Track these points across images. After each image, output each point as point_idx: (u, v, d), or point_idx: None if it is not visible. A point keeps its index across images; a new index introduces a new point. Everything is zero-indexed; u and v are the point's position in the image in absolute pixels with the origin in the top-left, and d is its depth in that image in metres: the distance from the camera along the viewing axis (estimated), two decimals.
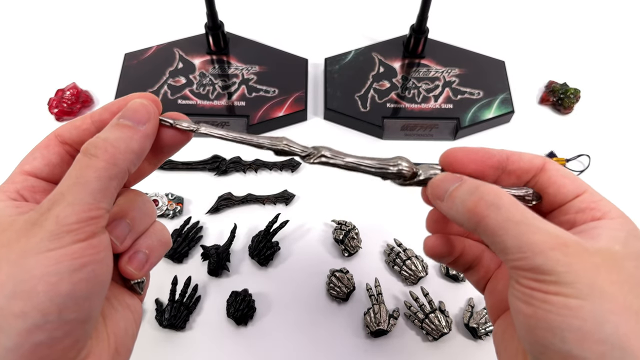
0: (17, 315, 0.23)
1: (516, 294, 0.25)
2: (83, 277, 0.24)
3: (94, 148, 0.25)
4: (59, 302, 0.23)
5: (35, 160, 0.29)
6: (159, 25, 0.75)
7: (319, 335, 0.52)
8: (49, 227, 0.24)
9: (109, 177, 0.25)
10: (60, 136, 0.29)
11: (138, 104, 0.27)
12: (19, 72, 0.71)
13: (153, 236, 0.30)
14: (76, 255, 0.24)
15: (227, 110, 0.65)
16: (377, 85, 0.67)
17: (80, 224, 0.24)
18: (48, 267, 0.23)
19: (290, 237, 0.58)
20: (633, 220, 0.28)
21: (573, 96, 0.67)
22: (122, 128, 0.26)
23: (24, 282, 0.23)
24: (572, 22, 0.78)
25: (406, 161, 0.31)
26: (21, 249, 0.24)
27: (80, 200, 0.24)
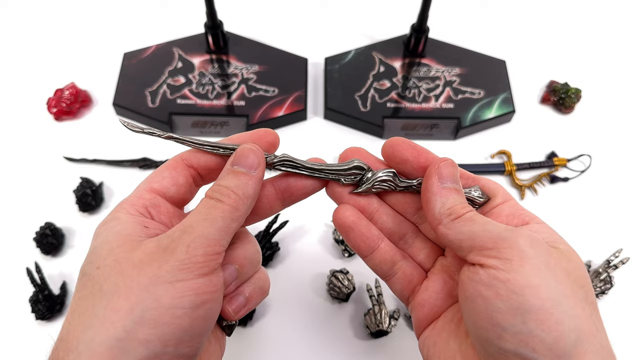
0: (141, 342, 0.24)
1: (477, 279, 0.26)
2: (202, 314, 0.26)
3: (219, 194, 0.28)
4: (178, 335, 0.25)
5: (164, 179, 0.30)
6: (158, 25, 0.75)
7: (319, 335, 0.52)
8: (179, 255, 0.25)
9: (232, 218, 0.27)
10: (186, 160, 0.31)
11: (248, 150, 0.29)
12: (17, 71, 0.71)
13: (256, 283, 0.32)
14: (200, 290, 0.25)
15: (227, 109, 0.64)
16: (377, 84, 0.67)
17: (206, 257, 0.26)
18: (175, 300, 0.25)
19: (290, 237, 0.58)
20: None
21: (574, 96, 0.67)
22: (238, 175, 0.29)
23: (152, 310, 0.24)
24: (573, 22, 0.78)
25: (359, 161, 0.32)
26: (153, 274, 0.25)
27: (208, 235, 0.26)
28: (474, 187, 0.32)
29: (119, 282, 0.25)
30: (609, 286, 0.54)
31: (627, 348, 0.53)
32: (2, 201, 0.60)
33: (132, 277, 0.25)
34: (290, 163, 0.31)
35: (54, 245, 0.55)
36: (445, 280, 0.32)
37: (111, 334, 0.24)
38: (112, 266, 0.26)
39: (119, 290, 0.25)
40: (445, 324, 0.31)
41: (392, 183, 0.32)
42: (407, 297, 0.34)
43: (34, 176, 0.62)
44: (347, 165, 0.32)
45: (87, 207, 0.58)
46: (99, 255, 0.27)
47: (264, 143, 0.31)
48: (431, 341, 0.31)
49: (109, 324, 0.24)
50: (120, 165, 0.62)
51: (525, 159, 0.64)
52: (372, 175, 0.32)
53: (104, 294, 0.25)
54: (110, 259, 0.26)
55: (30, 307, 0.52)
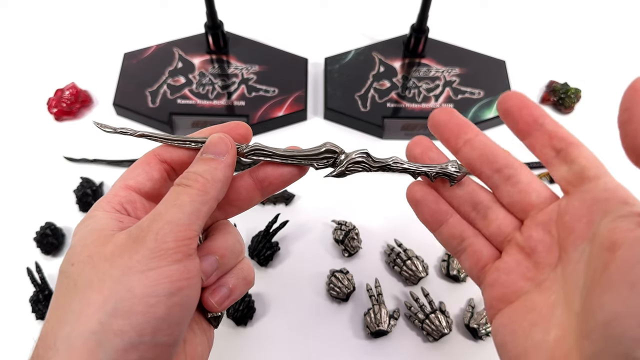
0: (116, 333, 0.24)
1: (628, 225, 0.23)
2: (178, 302, 0.25)
3: (187, 180, 0.28)
4: (154, 324, 0.24)
5: (138, 175, 0.30)
6: (159, 25, 0.75)
7: (318, 335, 0.52)
8: (149, 244, 0.25)
9: (201, 202, 0.27)
10: (159, 155, 0.31)
11: (217, 138, 0.30)
12: (18, 71, 0.71)
13: (239, 274, 0.31)
14: (174, 277, 0.25)
15: (227, 110, 0.64)
16: (377, 84, 0.67)
17: (177, 242, 0.25)
18: (148, 288, 0.24)
19: (290, 237, 0.58)
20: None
21: (574, 96, 0.67)
22: (206, 161, 0.29)
23: (125, 301, 0.24)
24: (573, 22, 0.78)
25: (331, 144, 0.32)
26: (124, 264, 0.25)
27: (177, 220, 0.26)
28: (451, 161, 0.32)
29: (92, 276, 0.25)
30: None
31: None
32: (3, 201, 0.60)
33: (104, 270, 0.25)
34: (262, 151, 0.31)
35: (54, 245, 0.55)
36: (518, 260, 0.30)
37: (86, 328, 0.24)
38: (85, 261, 0.26)
39: (92, 284, 0.25)
40: (525, 312, 0.28)
41: (365, 164, 0.32)
42: (477, 275, 0.32)
43: (35, 176, 0.62)
44: (319, 150, 0.31)
45: (88, 207, 0.58)
46: (74, 252, 0.27)
47: (235, 134, 0.31)
48: (508, 329, 0.29)
49: (84, 318, 0.24)
50: (120, 165, 0.63)
51: (525, 159, 0.64)
52: (345, 157, 0.32)
53: (79, 289, 0.25)
54: (84, 254, 0.26)
55: (31, 307, 0.52)
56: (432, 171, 0.33)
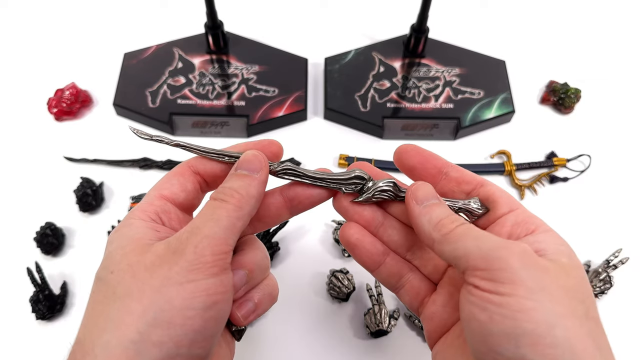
0: (154, 344, 0.24)
1: (472, 300, 0.26)
2: (213, 315, 0.26)
3: (223, 195, 0.29)
4: (191, 336, 0.25)
5: (173, 186, 0.31)
6: (159, 25, 0.75)
7: (319, 335, 0.52)
8: (188, 257, 0.26)
9: (237, 217, 0.28)
10: (193, 167, 0.32)
11: (251, 155, 0.30)
12: (18, 71, 0.71)
13: (265, 289, 0.32)
14: (210, 291, 0.26)
15: (227, 110, 0.64)
16: (377, 84, 0.67)
17: (214, 256, 0.26)
18: (186, 300, 0.25)
19: (290, 237, 0.58)
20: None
21: (574, 96, 0.67)
22: (241, 177, 0.30)
23: (165, 312, 0.25)
24: (573, 22, 0.78)
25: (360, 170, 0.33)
26: (163, 275, 0.25)
27: (214, 234, 0.27)
28: (473, 198, 0.32)
29: (132, 285, 0.26)
30: (608, 286, 0.54)
31: (627, 348, 0.53)
32: (3, 201, 0.60)
33: (144, 279, 0.26)
34: (293, 171, 0.32)
35: (54, 245, 0.55)
36: (451, 292, 0.32)
37: (126, 337, 0.24)
38: (125, 270, 0.26)
39: (132, 293, 0.25)
40: (453, 339, 0.31)
41: (392, 193, 0.33)
42: (417, 308, 0.34)
43: (35, 176, 0.62)
44: (349, 175, 0.32)
45: (88, 207, 0.58)
46: (113, 260, 0.27)
47: (268, 152, 0.32)
48: (441, 356, 0.31)
49: (124, 327, 0.24)
50: (120, 165, 0.63)
51: (525, 159, 0.64)
52: (373, 185, 0.32)
53: (118, 297, 0.26)
54: (124, 262, 0.27)
55: (31, 307, 0.52)
56: (454, 207, 0.32)
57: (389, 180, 0.32)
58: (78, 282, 0.55)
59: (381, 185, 0.32)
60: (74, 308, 0.54)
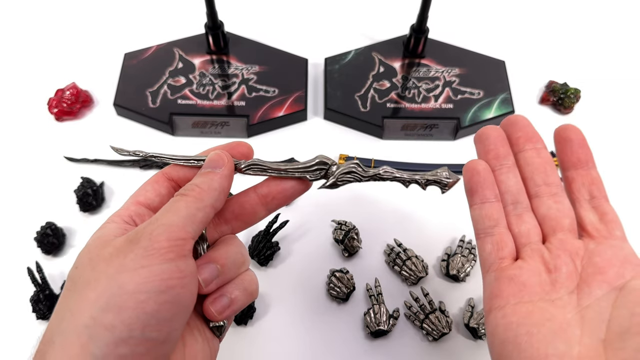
0: (106, 327, 0.25)
1: None
2: (168, 299, 0.26)
3: (184, 190, 0.30)
4: (144, 319, 0.26)
5: (147, 192, 0.33)
6: (159, 25, 0.75)
7: (318, 335, 0.52)
8: (143, 243, 0.27)
9: (196, 207, 0.29)
10: (167, 174, 0.34)
11: (214, 154, 0.32)
12: (18, 71, 0.71)
13: (240, 284, 0.33)
14: (164, 275, 0.26)
15: (227, 110, 0.65)
16: (377, 85, 0.67)
17: (169, 242, 0.27)
18: (139, 285, 0.26)
19: (290, 237, 0.58)
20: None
21: (573, 96, 0.67)
22: (204, 174, 0.31)
23: (117, 297, 0.25)
24: (573, 22, 0.78)
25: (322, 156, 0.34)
26: (119, 263, 0.26)
27: (171, 222, 0.28)
28: (442, 167, 0.34)
29: (90, 276, 0.27)
30: None
31: None
32: (3, 201, 0.60)
33: (101, 269, 0.27)
34: (258, 166, 0.33)
35: (54, 245, 0.55)
36: (539, 270, 0.32)
37: (80, 322, 0.25)
38: (86, 264, 0.28)
39: (89, 283, 0.26)
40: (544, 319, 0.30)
41: (356, 174, 0.33)
42: (493, 261, 0.34)
43: (35, 176, 0.62)
44: (312, 162, 0.33)
45: (88, 207, 0.58)
46: (78, 257, 0.29)
47: (236, 152, 0.34)
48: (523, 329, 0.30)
49: (78, 314, 0.25)
50: (121, 165, 0.63)
51: None
52: (337, 169, 0.33)
53: (77, 288, 0.27)
54: (86, 257, 0.28)
55: (31, 306, 0.52)
56: (423, 179, 0.33)
57: (353, 162, 0.33)
58: None
59: (345, 168, 0.33)
60: None
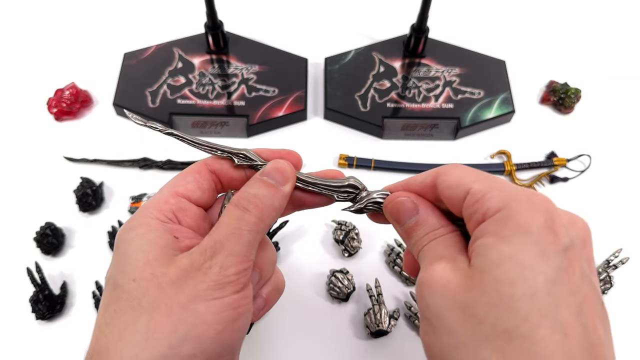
0: (185, 357, 0.24)
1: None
2: (239, 327, 0.27)
3: (247, 202, 0.28)
4: (220, 350, 0.26)
5: (188, 183, 0.30)
6: (159, 25, 0.75)
7: (318, 335, 0.52)
8: (213, 276, 0.26)
9: (258, 231, 0.28)
10: (209, 165, 0.31)
11: (282, 165, 0.30)
12: (18, 71, 0.71)
13: (273, 284, 0.32)
14: (235, 305, 0.26)
15: (227, 110, 0.64)
16: (377, 84, 0.67)
17: (237, 275, 0.26)
18: (215, 315, 0.25)
19: (290, 237, 0.58)
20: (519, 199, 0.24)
21: (574, 96, 0.67)
22: (267, 186, 0.29)
23: (196, 327, 0.25)
24: (573, 22, 0.78)
25: (354, 179, 0.32)
26: (190, 293, 0.25)
27: (237, 252, 0.27)
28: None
29: (159, 299, 0.25)
30: (608, 286, 0.54)
31: (627, 348, 0.53)
32: (3, 201, 0.60)
33: (171, 295, 0.25)
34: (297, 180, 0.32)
35: (54, 245, 0.55)
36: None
37: (156, 351, 0.24)
38: (149, 279, 0.26)
39: (159, 307, 0.25)
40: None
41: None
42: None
43: (35, 176, 0.62)
44: (342, 183, 0.32)
45: (88, 207, 0.58)
46: (134, 265, 0.27)
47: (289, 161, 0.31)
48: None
49: (153, 341, 0.24)
50: (120, 165, 0.62)
51: (525, 159, 0.64)
52: (366, 195, 0.32)
53: (145, 310, 0.25)
54: (147, 272, 0.26)
55: (31, 307, 0.52)
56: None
57: (384, 192, 0.32)
58: (78, 282, 0.55)
59: (375, 197, 0.32)
60: (74, 308, 0.54)
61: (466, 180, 0.26)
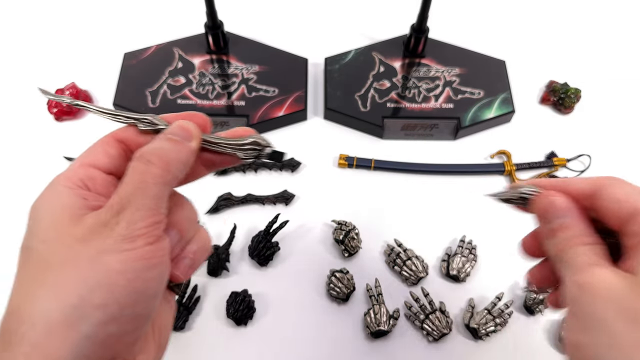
0: (97, 306, 0.24)
1: None
2: (153, 277, 0.26)
3: (150, 155, 0.28)
4: (134, 297, 0.25)
5: (97, 154, 0.30)
6: (159, 25, 0.75)
7: (318, 335, 0.52)
8: (121, 231, 0.26)
9: (164, 182, 0.27)
10: (117, 135, 0.31)
11: (185, 124, 0.30)
12: (18, 71, 0.71)
13: (198, 242, 0.32)
14: (147, 256, 0.26)
15: (227, 110, 0.64)
16: (377, 84, 0.67)
17: (148, 228, 0.26)
18: (126, 264, 0.25)
19: (290, 237, 0.58)
20: None
21: (574, 96, 0.67)
22: (172, 141, 0.29)
23: (106, 276, 0.25)
24: (573, 22, 0.78)
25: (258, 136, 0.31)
26: (98, 246, 0.25)
27: (145, 206, 0.26)
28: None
29: (66, 255, 0.26)
30: None
31: None
32: (3, 201, 0.60)
33: (78, 250, 0.26)
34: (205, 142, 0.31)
35: None
36: None
37: (66, 302, 0.24)
38: (56, 238, 0.26)
39: (67, 262, 0.25)
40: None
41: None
42: None
43: (34, 176, 0.62)
44: (244, 141, 0.31)
45: None
46: (41, 228, 0.27)
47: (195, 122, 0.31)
48: None
49: (62, 294, 0.25)
50: None
51: (525, 159, 0.64)
52: (513, 188, 0.32)
53: (52, 266, 0.26)
54: (53, 232, 0.27)
55: None
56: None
57: (533, 189, 0.31)
58: None
59: (524, 191, 0.31)
60: None
61: (636, 198, 0.28)
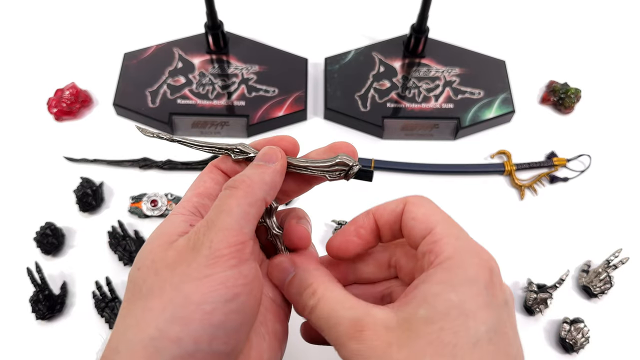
0: (173, 340, 0.24)
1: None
2: (234, 308, 0.25)
3: (234, 182, 0.29)
4: (211, 332, 0.25)
5: (205, 182, 0.32)
6: (159, 25, 0.75)
7: None
8: (204, 252, 0.26)
9: (248, 204, 0.28)
10: (217, 165, 0.33)
11: (268, 149, 0.31)
12: (18, 71, 0.71)
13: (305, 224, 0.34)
14: (229, 283, 0.25)
15: (227, 110, 0.64)
16: (377, 85, 0.67)
17: (230, 248, 0.26)
18: (204, 295, 0.25)
19: None
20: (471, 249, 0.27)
21: (574, 96, 0.67)
22: (256, 167, 0.30)
23: (183, 308, 0.24)
24: (573, 22, 0.78)
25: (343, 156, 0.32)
26: (182, 272, 0.25)
27: (227, 225, 0.26)
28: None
29: (154, 283, 0.26)
30: (608, 286, 0.54)
31: (628, 348, 0.53)
32: (3, 201, 0.60)
33: (166, 277, 0.26)
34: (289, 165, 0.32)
35: (54, 245, 0.55)
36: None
37: (145, 334, 0.24)
38: (149, 267, 0.27)
39: (153, 290, 0.25)
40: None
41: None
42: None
43: (35, 176, 0.62)
44: (331, 162, 0.32)
45: (88, 207, 0.58)
46: (141, 256, 0.28)
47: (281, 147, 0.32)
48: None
49: (144, 324, 0.25)
50: (120, 165, 0.62)
51: (525, 159, 0.64)
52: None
53: (142, 295, 0.26)
54: (149, 259, 0.27)
55: (31, 307, 0.52)
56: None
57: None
58: (78, 282, 0.55)
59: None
60: (74, 308, 0.54)
61: (433, 219, 0.28)
